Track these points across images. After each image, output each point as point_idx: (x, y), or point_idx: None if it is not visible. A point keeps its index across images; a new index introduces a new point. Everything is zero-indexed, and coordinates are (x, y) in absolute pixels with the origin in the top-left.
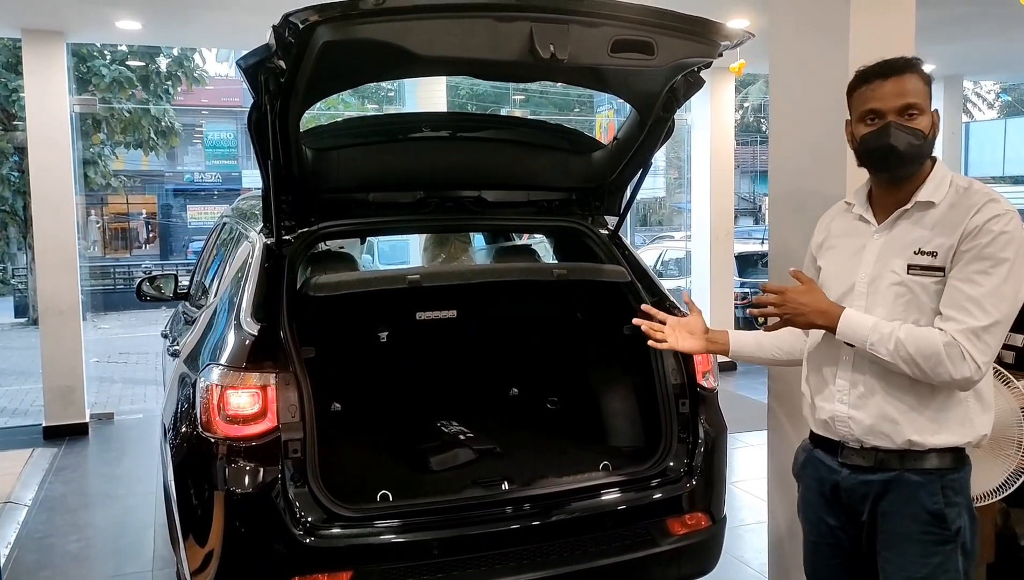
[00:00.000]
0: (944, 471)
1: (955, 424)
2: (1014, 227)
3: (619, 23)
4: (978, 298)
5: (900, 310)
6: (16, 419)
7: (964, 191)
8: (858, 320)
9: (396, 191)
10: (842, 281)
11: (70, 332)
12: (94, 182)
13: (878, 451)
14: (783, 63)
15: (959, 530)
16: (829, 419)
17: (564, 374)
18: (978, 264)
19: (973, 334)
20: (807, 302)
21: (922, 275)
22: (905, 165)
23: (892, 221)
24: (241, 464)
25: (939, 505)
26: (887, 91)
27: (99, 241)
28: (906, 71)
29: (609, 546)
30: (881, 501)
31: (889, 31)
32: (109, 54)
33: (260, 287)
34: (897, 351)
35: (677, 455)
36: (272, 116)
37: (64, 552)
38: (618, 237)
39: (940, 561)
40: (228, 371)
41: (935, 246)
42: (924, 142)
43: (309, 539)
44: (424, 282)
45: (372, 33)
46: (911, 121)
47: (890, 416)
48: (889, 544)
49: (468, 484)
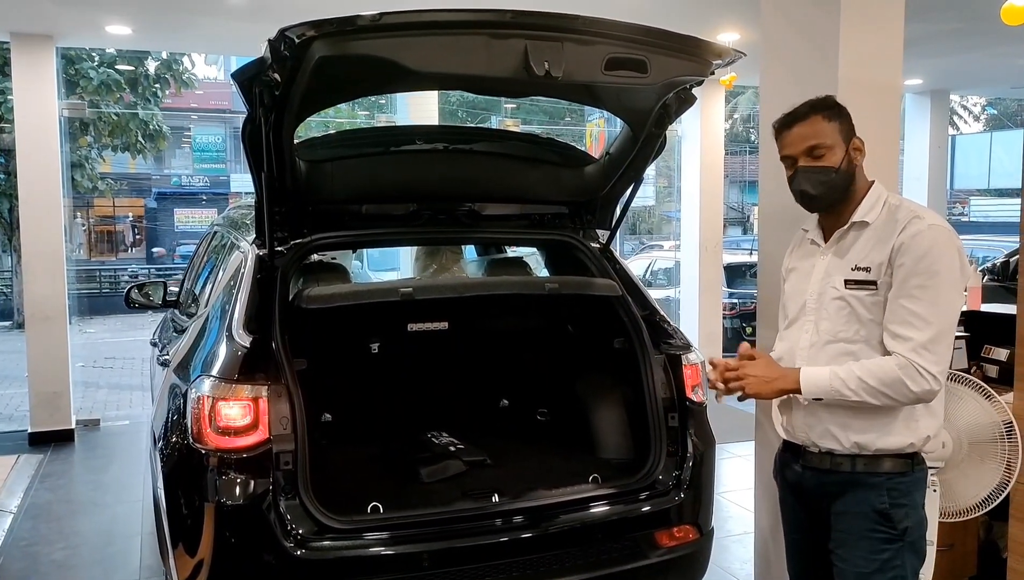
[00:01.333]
0: (892, 474)
1: (900, 427)
2: (939, 240)
3: (613, 41)
4: (920, 312)
5: (842, 322)
6: (2, 424)
7: (895, 209)
8: (815, 375)
9: (389, 203)
10: (797, 299)
11: (56, 338)
12: (81, 185)
13: (833, 455)
14: (774, 76)
15: (906, 530)
16: (789, 426)
17: (554, 386)
18: (915, 279)
19: (922, 348)
20: (765, 374)
21: (857, 289)
22: (823, 200)
23: (834, 241)
24: (232, 476)
25: (885, 505)
26: (793, 137)
27: (84, 244)
28: (809, 116)
29: (598, 558)
30: (836, 502)
31: (878, 45)
32: (97, 57)
33: (252, 298)
34: (861, 388)
35: (666, 468)
36: (266, 128)
37: (50, 560)
38: (609, 251)
39: (887, 558)
40: (220, 383)
41: (869, 262)
42: (836, 175)
43: (300, 551)
44: (417, 295)
45: (368, 49)
46: (819, 161)
47: (837, 421)
48: (841, 542)
49: (458, 496)
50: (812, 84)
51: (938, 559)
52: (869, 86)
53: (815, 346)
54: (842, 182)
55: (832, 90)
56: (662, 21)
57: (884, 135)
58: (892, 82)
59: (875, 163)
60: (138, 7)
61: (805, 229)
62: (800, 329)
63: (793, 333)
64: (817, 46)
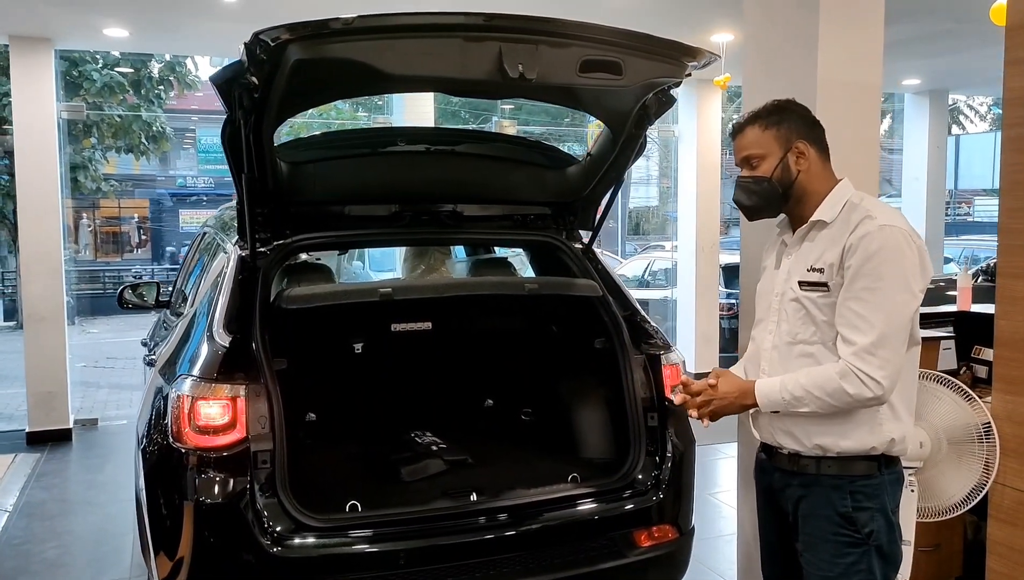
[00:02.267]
0: (855, 477)
1: (863, 430)
2: (889, 241)
3: (587, 44)
4: (865, 315)
5: (799, 324)
6: (1, 424)
7: (852, 209)
8: (768, 388)
9: (371, 204)
10: (765, 299)
11: (54, 338)
12: (84, 186)
13: (799, 456)
14: (755, 76)
15: (871, 533)
16: (758, 427)
17: (538, 386)
18: (861, 281)
19: (865, 352)
20: (730, 391)
21: (811, 290)
22: (757, 210)
23: (797, 241)
24: (210, 474)
25: (848, 508)
26: (735, 148)
27: (91, 245)
28: (745, 128)
29: (575, 557)
30: (801, 504)
31: (858, 45)
32: (101, 59)
33: (233, 299)
34: (806, 399)
35: (645, 468)
36: (246, 131)
37: (42, 559)
38: (591, 251)
39: (852, 562)
40: (199, 382)
41: (823, 263)
42: (768, 184)
43: (276, 549)
44: (396, 296)
45: (342, 52)
46: (754, 170)
47: (800, 422)
48: (807, 545)
49: (437, 495)
50: (792, 85)
51: (924, 559)
52: (849, 86)
53: (777, 347)
54: (774, 191)
55: (812, 90)
56: (658, 22)
57: (864, 135)
58: (872, 82)
59: (856, 163)
60: (134, 10)
61: (779, 228)
62: (765, 330)
63: (760, 333)
64: (797, 46)
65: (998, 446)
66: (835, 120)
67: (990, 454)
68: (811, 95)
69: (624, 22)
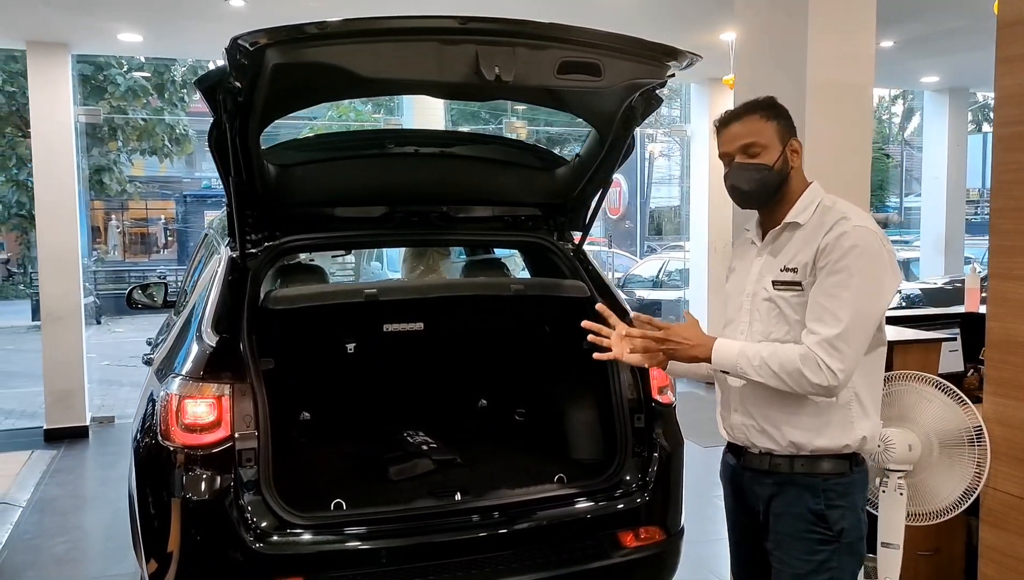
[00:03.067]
0: (829, 475)
1: (836, 428)
2: (864, 241)
3: (565, 45)
4: (832, 309)
5: (772, 323)
6: (22, 421)
7: (826, 211)
8: (726, 347)
9: (361, 205)
10: (735, 299)
11: (71, 337)
12: (109, 188)
13: (772, 455)
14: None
15: (842, 531)
16: (729, 427)
17: (531, 387)
18: (834, 278)
19: (827, 343)
20: (689, 337)
21: (784, 290)
22: (755, 197)
23: (769, 241)
24: (196, 472)
25: (820, 506)
26: (729, 136)
27: (119, 246)
28: (744, 115)
29: (559, 557)
30: (773, 502)
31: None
32: (125, 63)
33: (222, 300)
34: (761, 369)
35: (631, 469)
36: (232, 134)
37: (51, 554)
38: (582, 252)
39: (823, 559)
40: (186, 382)
41: (796, 263)
42: (770, 173)
43: (259, 546)
44: (380, 297)
45: (318, 56)
46: (754, 158)
47: (773, 420)
48: (779, 543)
49: (423, 494)
50: (781, 85)
51: (923, 564)
52: (839, 87)
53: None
54: (775, 181)
55: (800, 91)
56: (666, 20)
57: (856, 135)
58: (863, 82)
59: (848, 162)
60: (147, 15)
61: (747, 229)
62: (736, 330)
63: (731, 333)
64: (786, 49)
65: (989, 450)
66: (826, 120)
67: (981, 457)
68: (800, 96)
69: (632, 22)
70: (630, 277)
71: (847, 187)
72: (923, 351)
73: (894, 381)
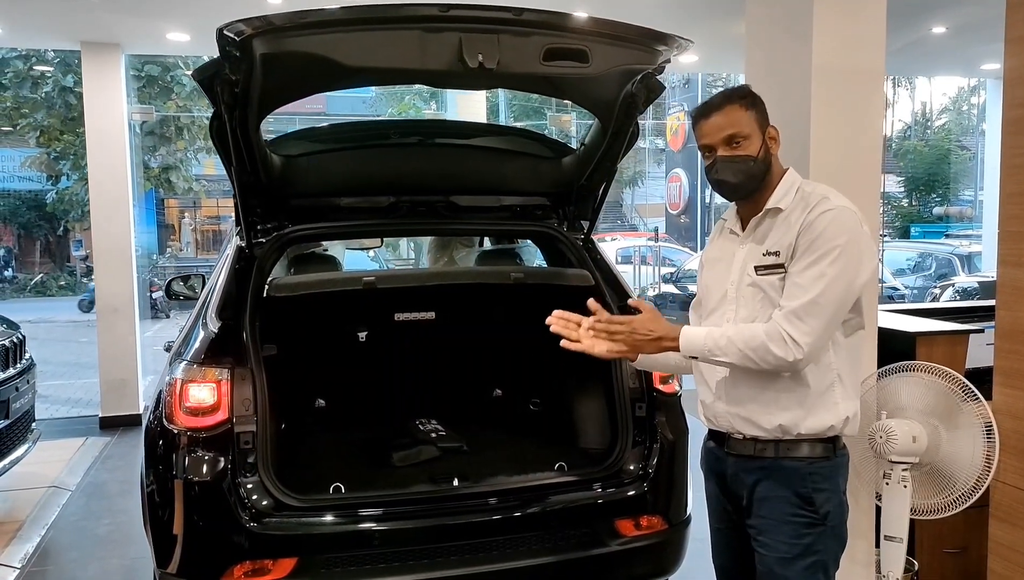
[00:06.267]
0: (814, 459)
1: (821, 409)
2: (842, 220)
3: (551, 31)
4: (802, 284)
5: (758, 308)
6: (79, 409)
7: (806, 194)
8: (693, 333)
9: (366, 196)
10: (718, 289)
11: (125, 328)
12: (177, 186)
13: (757, 441)
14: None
15: (828, 514)
16: (713, 416)
17: (545, 376)
18: (809, 255)
19: (793, 314)
20: (655, 328)
21: (768, 274)
22: (742, 189)
23: (751, 229)
24: (195, 453)
25: (807, 489)
26: (710, 127)
27: (192, 243)
28: (724, 105)
29: (555, 544)
30: (758, 487)
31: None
32: (191, 64)
33: (229, 287)
34: (728, 349)
35: (632, 458)
36: (232, 124)
37: (93, 535)
38: (591, 241)
39: (809, 543)
40: (190, 366)
41: (779, 246)
42: (755, 164)
43: (255, 526)
44: (379, 284)
45: (300, 46)
46: (737, 149)
47: (759, 404)
48: (763, 528)
49: (423, 480)
50: (787, 72)
51: (949, 562)
52: (848, 72)
53: None
54: (760, 171)
55: (805, 78)
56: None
57: (867, 119)
58: (873, 67)
59: (858, 148)
60: (194, 16)
61: (724, 219)
62: (721, 317)
63: (714, 321)
64: (793, 35)
65: (998, 442)
66: (832, 106)
67: (990, 450)
68: (806, 82)
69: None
70: (685, 271)
71: (855, 179)
72: (949, 343)
73: (902, 371)
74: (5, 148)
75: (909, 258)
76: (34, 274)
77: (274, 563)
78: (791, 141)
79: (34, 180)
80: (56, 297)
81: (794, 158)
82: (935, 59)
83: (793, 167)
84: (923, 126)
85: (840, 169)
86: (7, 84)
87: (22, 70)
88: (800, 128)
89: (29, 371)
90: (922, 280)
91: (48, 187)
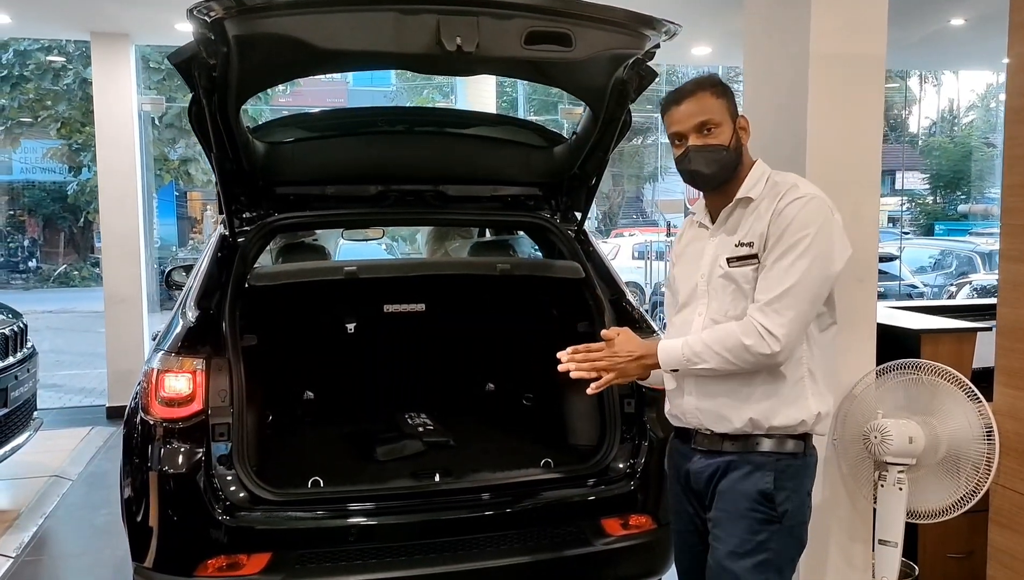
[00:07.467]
0: (782, 455)
1: (791, 404)
2: (813, 208)
3: (533, 14)
4: (775, 275)
5: (729, 300)
6: (92, 398)
7: (776, 184)
8: (670, 346)
9: (353, 184)
10: (688, 283)
11: (132, 319)
12: (196, 178)
13: (725, 437)
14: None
15: (786, 513)
16: (680, 413)
17: (537, 371)
18: (779, 246)
19: (766, 306)
20: (633, 348)
21: (741, 265)
22: (714, 178)
23: (721, 221)
24: (170, 445)
25: (768, 485)
26: (681, 115)
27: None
28: (696, 92)
29: (538, 542)
30: (721, 481)
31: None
32: None
33: (209, 276)
34: (705, 354)
35: (620, 456)
36: (211, 109)
37: (90, 525)
38: (583, 233)
39: (763, 540)
40: (166, 356)
41: (751, 237)
42: (728, 153)
43: (229, 519)
44: (360, 274)
45: (273, 27)
46: (709, 137)
47: (731, 398)
48: (719, 520)
49: (405, 475)
50: (784, 59)
51: (954, 567)
52: (847, 58)
53: (707, 328)
54: (733, 161)
55: (803, 65)
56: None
57: (866, 108)
58: (873, 52)
59: (859, 135)
60: None
61: (693, 212)
62: (693, 311)
63: (685, 316)
64: (790, 20)
65: (998, 444)
66: (832, 93)
67: (990, 453)
68: (803, 70)
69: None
70: None
71: (853, 172)
72: (955, 341)
73: (900, 369)
74: (28, 140)
75: (931, 256)
76: (58, 265)
77: (248, 558)
78: (788, 129)
79: (56, 171)
80: (79, 287)
81: (791, 148)
82: (956, 53)
83: (790, 156)
84: (950, 123)
85: (837, 167)
86: (29, 76)
87: (44, 62)
88: (796, 115)
89: (30, 360)
90: (942, 278)
91: (70, 178)
